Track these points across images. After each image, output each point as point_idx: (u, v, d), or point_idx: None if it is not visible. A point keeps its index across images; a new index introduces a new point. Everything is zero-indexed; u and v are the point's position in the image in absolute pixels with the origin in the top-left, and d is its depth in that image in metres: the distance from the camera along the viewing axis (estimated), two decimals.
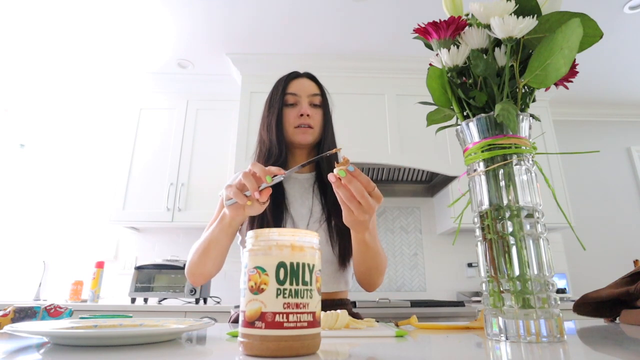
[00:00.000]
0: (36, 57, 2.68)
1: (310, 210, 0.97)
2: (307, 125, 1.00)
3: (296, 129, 1.00)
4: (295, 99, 1.02)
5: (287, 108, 1.02)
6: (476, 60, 0.52)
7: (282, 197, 0.98)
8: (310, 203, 0.98)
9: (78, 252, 2.79)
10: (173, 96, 2.86)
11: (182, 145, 2.71)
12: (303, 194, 1.01)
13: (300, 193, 1.01)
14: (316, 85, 1.07)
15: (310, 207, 0.98)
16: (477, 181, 0.52)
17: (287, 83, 1.04)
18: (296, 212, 0.97)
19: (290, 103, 1.02)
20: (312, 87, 1.05)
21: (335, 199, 0.93)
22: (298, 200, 0.99)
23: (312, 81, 1.07)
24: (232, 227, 0.82)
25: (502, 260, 0.48)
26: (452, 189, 2.55)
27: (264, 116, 1.05)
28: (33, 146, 3.07)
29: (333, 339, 0.50)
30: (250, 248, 0.39)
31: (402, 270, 2.75)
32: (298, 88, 1.03)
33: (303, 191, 1.01)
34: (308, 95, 1.03)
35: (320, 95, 1.04)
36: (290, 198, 0.99)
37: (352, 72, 2.72)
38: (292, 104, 1.02)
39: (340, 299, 0.99)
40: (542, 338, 0.44)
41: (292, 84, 1.04)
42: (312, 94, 1.03)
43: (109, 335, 0.41)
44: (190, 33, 2.47)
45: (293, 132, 1.00)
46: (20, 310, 0.61)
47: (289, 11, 2.30)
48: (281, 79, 1.07)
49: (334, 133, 1.08)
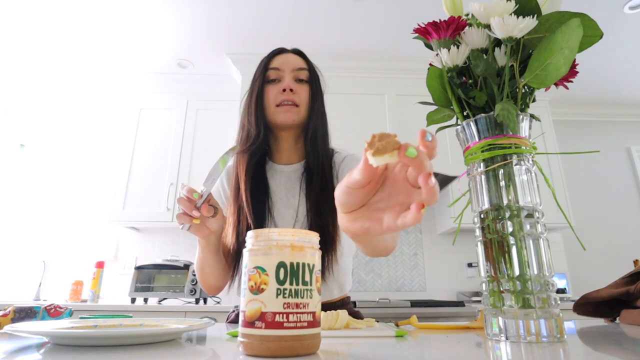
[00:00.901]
0: (36, 57, 2.68)
1: (295, 212, 0.87)
2: (292, 103, 0.86)
3: (278, 107, 0.86)
4: (278, 74, 0.89)
5: (269, 85, 0.89)
6: (476, 60, 0.52)
7: (265, 197, 0.87)
8: (296, 202, 0.87)
9: (78, 252, 2.79)
10: (173, 96, 2.86)
11: (182, 145, 2.71)
12: (289, 190, 0.90)
13: (286, 190, 0.90)
14: (303, 59, 0.94)
15: (296, 207, 0.87)
16: (477, 181, 0.52)
17: (269, 58, 0.92)
18: (280, 214, 0.87)
19: (272, 79, 0.89)
20: (297, 61, 0.92)
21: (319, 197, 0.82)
22: (282, 200, 0.89)
23: (298, 55, 0.94)
24: (210, 245, 0.77)
25: (502, 260, 0.48)
26: (452, 189, 2.55)
27: (245, 101, 0.92)
28: (33, 146, 3.07)
29: (333, 339, 0.50)
30: (250, 248, 0.39)
31: (402, 270, 2.75)
32: (281, 62, 0.90)
33: (289, 187, 0.90)
34: (292, 70, 0.90)
35: (307, 70, 0.91)
36: (275, 197, 0.89)
37: (352, 72, 2.71)
38: (274, 79, 0.89)
39: (340, 300, 0.94)
40: (542, 338, 0.44)
41: (276, 59, 0.91)
42: (298, 67, 0.90)
43: (109, 335, 0.41)
44: (191, 33, 2.47)
45: (275, 111, 0.87)
46: (20, 310, 0.61)
47: (289, 11, 2.30)
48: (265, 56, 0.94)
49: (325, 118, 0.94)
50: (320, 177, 0.85)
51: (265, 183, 0.89)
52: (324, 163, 0.87)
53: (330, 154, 0.92)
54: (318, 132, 0.89)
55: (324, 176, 0.85)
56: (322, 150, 0.89)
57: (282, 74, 0.89)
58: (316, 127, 0.89)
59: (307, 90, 0.90)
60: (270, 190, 0.89)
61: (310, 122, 0.89)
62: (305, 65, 0.92)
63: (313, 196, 0.84)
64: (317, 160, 0.87)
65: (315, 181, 0.84)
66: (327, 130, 0.93)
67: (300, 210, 0.86)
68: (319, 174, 0.85)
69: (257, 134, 0.86)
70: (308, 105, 0.89)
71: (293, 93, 0.87)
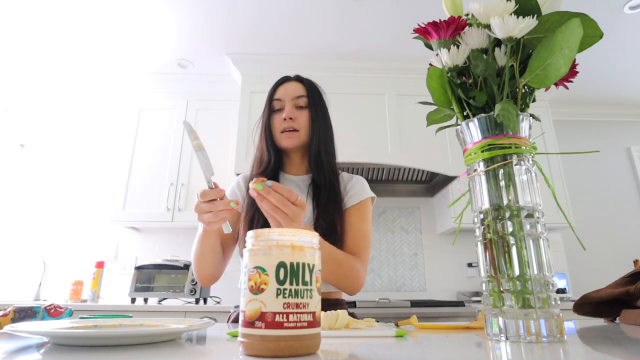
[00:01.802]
0: (36, 57, 2.68)
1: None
2: (292, 129, 1.00)
3: (282, 133, 1.01)
4: (281, 104, 1.03)
5: (275, 114, 1.04)
6: (476, 60, 0.52)
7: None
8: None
9: (78, 252, 2.79)
10: (173, 96, 2.86)
11: (182, 145, 2.71)
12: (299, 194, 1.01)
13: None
14: (303, 86, 1.06)
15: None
16: (477, 181, 0.52)
17: (274, 89, 1.06)
18: None
19: (276, 109, 1.04)
20: (297, 89, 1.05)
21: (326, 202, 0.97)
22: None
23: (299, 83, 1.07)
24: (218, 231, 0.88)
25: (502, 260, 0.48)
26: (452, 189, 2.55)
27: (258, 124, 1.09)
28: (33, 146, 3.07)
29: (333, 339, 0.50)
30: (250, 248, 0.39)
31: (402, 270, 2.75)
32: (282, 93, 1.04)
33: (299, 192, 1.02)
34: (292, 99, 1.03)
35: (305, 97, 1.04)
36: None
37: (352, 72, 2.71)
38: (279, 109, 1.04)
39: (334, 299, 1.00)
40: (542, 338, 0.44)
41: (279, 89, 1.06)
42: (296, 96, 1.03)
43: (109, 335, 0.41)
44: (190, 33, 2.47)
45: (280, 137, 1.02)
46: (20, 310, 0.61)
47: (289, 11, 2.30)
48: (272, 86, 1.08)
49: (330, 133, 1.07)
50: (328, 187, 0.99)
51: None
52: (329, 176, 1.01)
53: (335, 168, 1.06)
54: (321, 151, 1.02)
55: (332, 188, 0.99)
56: (326, 165, 1.02)
57: (283, 104, 1.03)
58: (319, 147, 1.02)
59: (306, 116, 1.03)
60: None
61: (312, 143, 1.02)
62: (304, 92, 1.05)
63: (322, 202, 0.97)
64: (323, 174, 1.01)
65: (324, 190, 0.98)
66: (330, 146, 1.06)
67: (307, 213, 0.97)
68: (327, 184, 0.99)
69: (268, 159, 1.02)
70: (308, 129, 1.02)
71: (292, 121, 1.01)
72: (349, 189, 1.03)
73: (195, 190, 2.60)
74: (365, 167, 2.56)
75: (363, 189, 1.04)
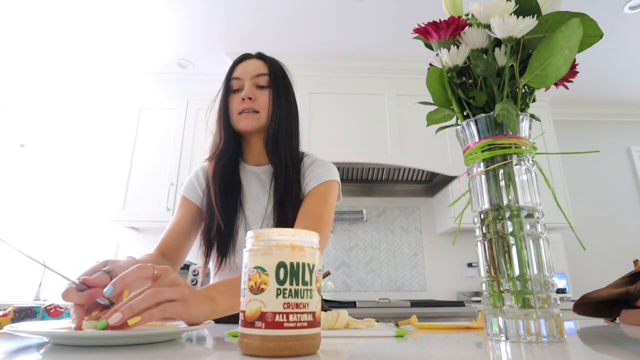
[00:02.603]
0: (36, 57, 2.68)
1: (265, 208, 0.90)
2: (251, 110, 0.90)
3: (240, 115, 0.91)
4: (239, 83, 0.93)
5: (233, 94, 0.94)
6: (476, 60, 0.52)
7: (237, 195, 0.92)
8: (265, 199, 0.91)
9: (78, 252, 2.79)
10: (173, 96, 2.86)
11: (182, 145, 2.71)
12: (259, 189, 0.94)
13: (257, 189, 0.94)
14: (264, 63, 0.95)
15: (265, 204, 0.91)
16: (477, 181, 0.52)
17: (233, 67, 0.95)
18: (250, 211, 0.92)
19: (235, 89, 0.93)
20: (257, 66, 0.94)
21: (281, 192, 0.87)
22: (254, 198, 0.93)
23: (260, 60, 0.95)
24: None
25: (502, 260, 0.48)
26: (452, 189, 2.55)
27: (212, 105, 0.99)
28: (33, 146, 3.07)
29: (333, 339, 0.50)
30: (250, 248, 0.39)
31: (402, 270, 2.75)
32: (241, 71, 0.93)
33: (260, 186, 0.94)
34: (252, 77, 0.92)
35: (267, 75, 0.93)
36: (247, 195, 0.93)
37: (352, 72, 2.71)
38: (237, 89, 0.93)
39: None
40: (542, 338, 0.44)
41: (237, 67, 0.95)
42: (257, 74, 0.92)
43: (109, 335, 0.41)
44: (190, 33, 2.47)
45: (237, 118, 0.91)
46: (20, 310, 0.61)
47: (288, 11, 2.30)
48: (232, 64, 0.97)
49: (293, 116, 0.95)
50: (284, 178, 0.88)
51: (238, 182, 0.94)
52: (287, 164, 0.90)
53: (296, 154, 0.94)
54: (280, 135, 0.91)
55: (288, 176, 0.89)
56: (284, 151, 0.90)
57: (242, 83, 0.92)
58: (277, 130, 0.90)
59: (267, 95, 0.92)
60: (242, 188, 0.94)
61: (270, 126, 0.91)
62: (266, 69, 0.94)
63: (277, 195, 0.87)
64: (279, 161, 0.90)
65: (279, 181, 0.88)
66: (293, 130, 0.94)
67: (269, 207, 0.89)
68: (283, 174, 0.89)
69: (225, 145, 0.91)
70: (270, 109, 0.91)
71: (252, 101, 0.90)
72: (307, 175, 0.92)
73: None
74: (365, 167, 2.55)
75: (325, 173, 0.91)
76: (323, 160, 0.97)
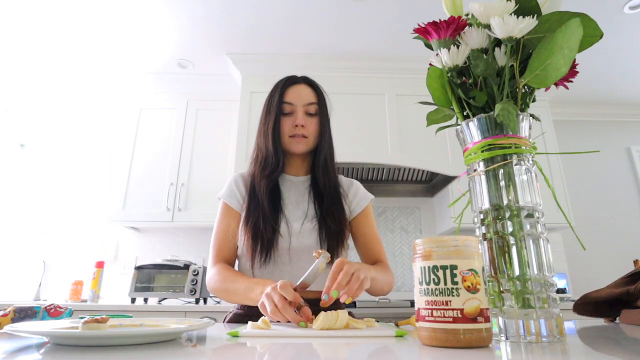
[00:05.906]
0: (36, 57, 2.68)
1: (305, 213, 1.02)
2: (302, 135, 1.02)
3: (291, 138, 1.02)
4: (291, 108, 1.03)
5: (284, 117, 1.03)
6: (476, 60, 0.52)
7: (279, 199, 1.03)
8: (305, 206, 1.03)
9: (78, 252, 2.79)
10: (173, 96, 2.86)
11: (182, 145, 2.71)
12: (299, 197, 1.05)
13: (296, 196, 1.05)
14: (313, 91, 1.06)
15: (305, 209, 1.02)
16: (477, 181, 0.52)
17: (283, 90, 1.05)
18: (291, 213, 1.02)
19: (286, 112, 1.03)
20: (308, 95, 1.05)
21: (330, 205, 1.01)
22: (293, 203, 1.04)
23: (309, 87, 1.07)
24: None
25: (502, 260, 0.48)
26: (452, 189, 2.55)
27: (261, 122, 1.07)
28: (33, 146, 3.07)
29: (333, 339, 0.50)
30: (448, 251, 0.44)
31: (402, 270, 2.75)
32: (294, 97, 1.03)
33: (299, 194, 1.06)
34: (304, 105, 1.03)
35: (316, 104, 1.05)
36: (286, 200, 1.04)
37: (352, 72, 2.71)
38: (288, 113, 1.03)
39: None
40: (542, 338, 0.44)
41: (289, 91, 1.04)
42: (308, 103, 1.04)
43: (109, 335, 0.41)
44: (190, 33, 2.47)
45: (288, 141, 1.03)
46: (20, 310, 0.61)
47: (289, 11, 2.30)
48: (278, 84, 1.07)
49: (331, 138, 1.09)
50: (332, 192, 1.04)
51: (279, 190, 1.06)
52: (333, 181, 1.06)
53: (336, 171, 1.11)
54: (328, 159, 1.06)
55: (336, 192, 1.05)
56: (331, 172, 1.07)
57: (294, 108, 1.03)
58: (326, 155, 1.06)
59: (315, 123, 1.05)
60: (282, 194, 1.06)
61: (321, 151, 1.05)
62: (315, 99, 1.05)
63: (326, 205, 1.01)
64: (328, 179, 1.05)
65: (328, 194, 1.03)
66: (333, 152, 1.10)
67: (309, 212, 1.02)
68: (331, 189, 1.04)
69: (276, 162, 1.02)
70: (317, 136, 1.05)
71: (304, 128, 1.02)
72: (353, 196, 1.08)
73: (195, 190, 2.60)
74: (365, 167, 2.55)
75: (365, 194, 1.10)
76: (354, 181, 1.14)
